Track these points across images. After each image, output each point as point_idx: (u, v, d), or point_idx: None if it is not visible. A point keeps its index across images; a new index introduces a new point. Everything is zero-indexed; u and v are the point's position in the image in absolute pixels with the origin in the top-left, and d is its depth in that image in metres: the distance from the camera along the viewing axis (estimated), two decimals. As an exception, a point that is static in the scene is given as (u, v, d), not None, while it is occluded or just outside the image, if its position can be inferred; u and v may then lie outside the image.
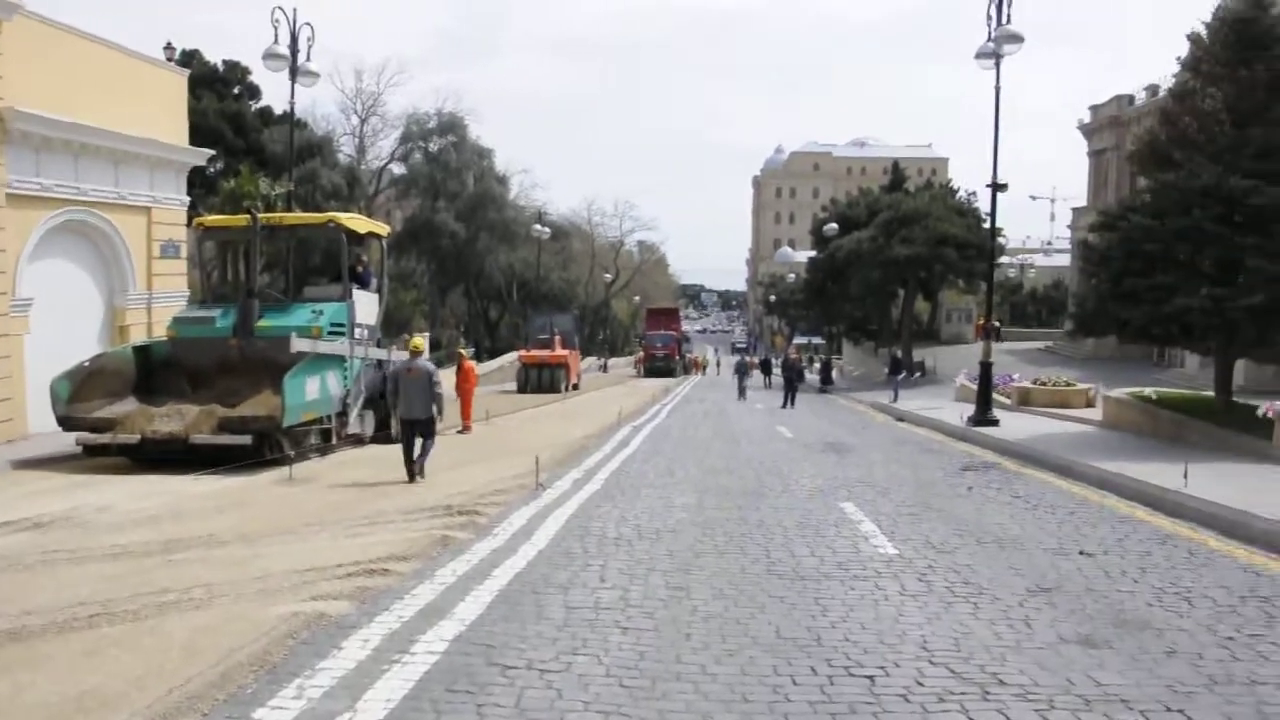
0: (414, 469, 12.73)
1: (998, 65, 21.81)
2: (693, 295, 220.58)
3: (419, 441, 12.94)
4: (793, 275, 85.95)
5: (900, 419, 27.53)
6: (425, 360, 13.39)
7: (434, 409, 12.90)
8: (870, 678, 5.37)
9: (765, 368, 54.81)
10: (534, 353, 42.04)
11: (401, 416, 13.21)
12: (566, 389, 40.41)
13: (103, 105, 19.17)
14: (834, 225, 54.93)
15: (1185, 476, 11.84)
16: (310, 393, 15.02)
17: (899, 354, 41.43)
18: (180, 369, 15.86)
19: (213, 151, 26.27)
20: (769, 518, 10.39)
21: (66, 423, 14.39)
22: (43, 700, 4.83)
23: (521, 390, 39.56)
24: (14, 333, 16.91)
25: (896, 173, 65.29)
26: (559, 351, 41.79)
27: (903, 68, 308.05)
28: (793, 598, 7.04)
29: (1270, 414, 15.77)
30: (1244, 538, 9.40)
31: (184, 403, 14.80)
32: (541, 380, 40.07)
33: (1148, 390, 21.86)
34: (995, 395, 24.11)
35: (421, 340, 14.24)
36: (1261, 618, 6.67)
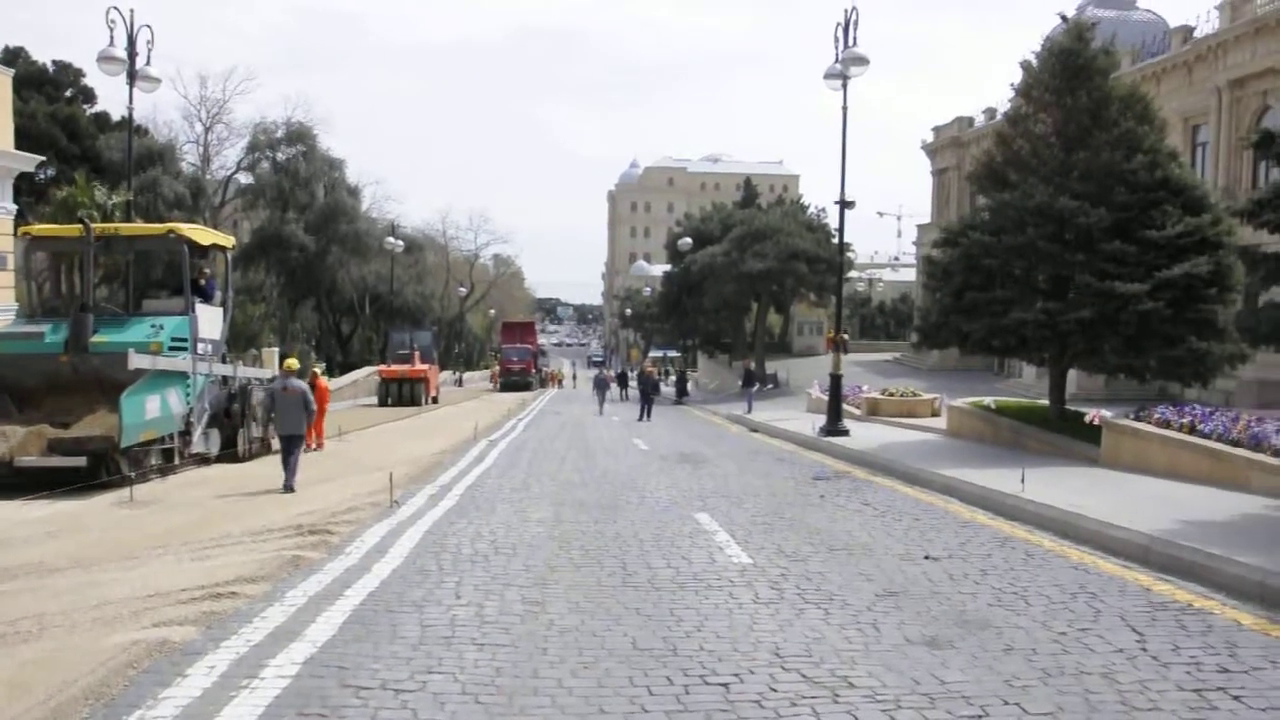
0: (292, 482, 13.42)
1: (845, 86, 22.58)
2: (549, 309, 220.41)
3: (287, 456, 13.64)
4: (648, 289, 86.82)
5: (754, 430, 28.10)
6: (297, 380, 14.34)
7: (304, 425, 13.94)
8: (725, 685, 5.48)
9: (623, 380, 55.19)
10: (394, 368, 43.26)
11: (278, 433, 14.22)
12: (426, 401, 41.98)
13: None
14: (688, 240, 55.79)
15: (1023, 481, 12.46)
16: (150, 411, 14.43)
17: (752, 366, 42.33)
18: (4, 387, 15.01)
19: (42, 158, 25.06)
20: (625, 530, 10.48)
21: None
22: None
23: (382, 404, 40.80)
24: None
25: (749, 189, 66.81)
26: (418, 366, 43.16)
27: (754, 84, 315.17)
28: (649, 609, 7.13)
29: (1096, 421, 16.76)
30: (1075, 538, 10.00)
31: (8, 424, 13.99)
32: (402, 394, 41.48)
33: (988, 400, 22.90)
34: (845, 406, 24.87)
35: (295, 361, 15.30)
36: (1089, 612, 7.10)
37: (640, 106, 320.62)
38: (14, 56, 43.88)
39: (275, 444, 19.03)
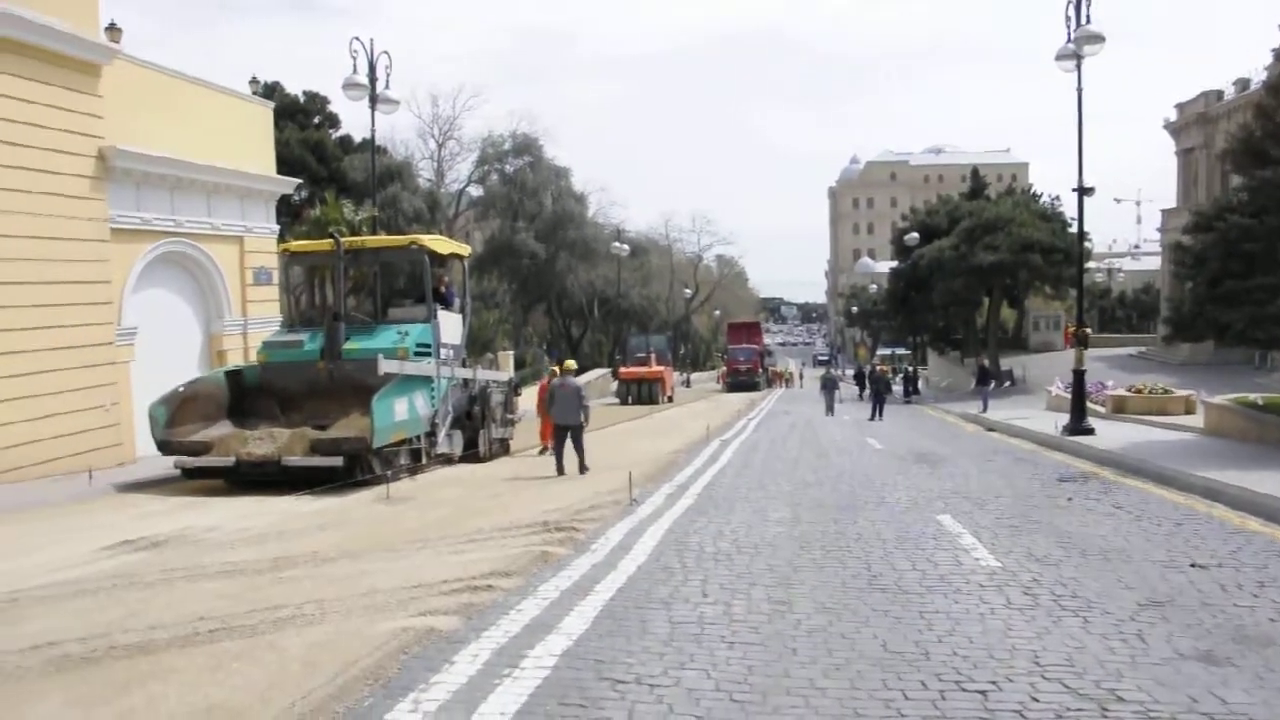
0: (563, 465, 15.79)
1: (1079, 67, 21.43)
2: (773, 308, 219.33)
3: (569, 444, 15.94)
4: (874, 286, 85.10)
5: (990, 429, 27.09)
6: (574, 379, 16.82)
7: (581, 416, 15.91)
8: (982, 693, 5.29)
9: (860, 380, 53.90)
10: (633, 369, 47.69)
11: (556, 422, 16.21)
12: (662, 400, 45.97)
13: (195, 140, 19.80)
14: (915, 234, 54.35)
15: (1300, 484, 11.47)
16: (399, 414, 15.23)
17: (986, 363, 40.81)
18: (271, 392, 16.23)
19: (299, 180, 26.92)
20: (866, 531, 10.30)
21: (165, 447, 14.79)
22: (175, 712, 5.00)
23: (623, 402, 44.72)
24: (120, 360, 17.53)
25: (976, 179, 64.25)
26: (655, 367, 47.42)
27: (973, 71, 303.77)
28: (897, 611, 6.98)
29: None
30: (1368, 548, 9.08)
31: (275, 426, 15.14)
32: (640, 393, 45.42)
33: (1254, 396, 21.20)
34: (1089, 404, 23.59)
35: (571, 362, 18.28)
36: (1394, 631, 6.44)
37: (852, 102, 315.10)
38: (271, 90, 47.38)
39: (513, 445, 20.09)
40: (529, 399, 23.90)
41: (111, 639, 6.24)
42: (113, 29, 19.36)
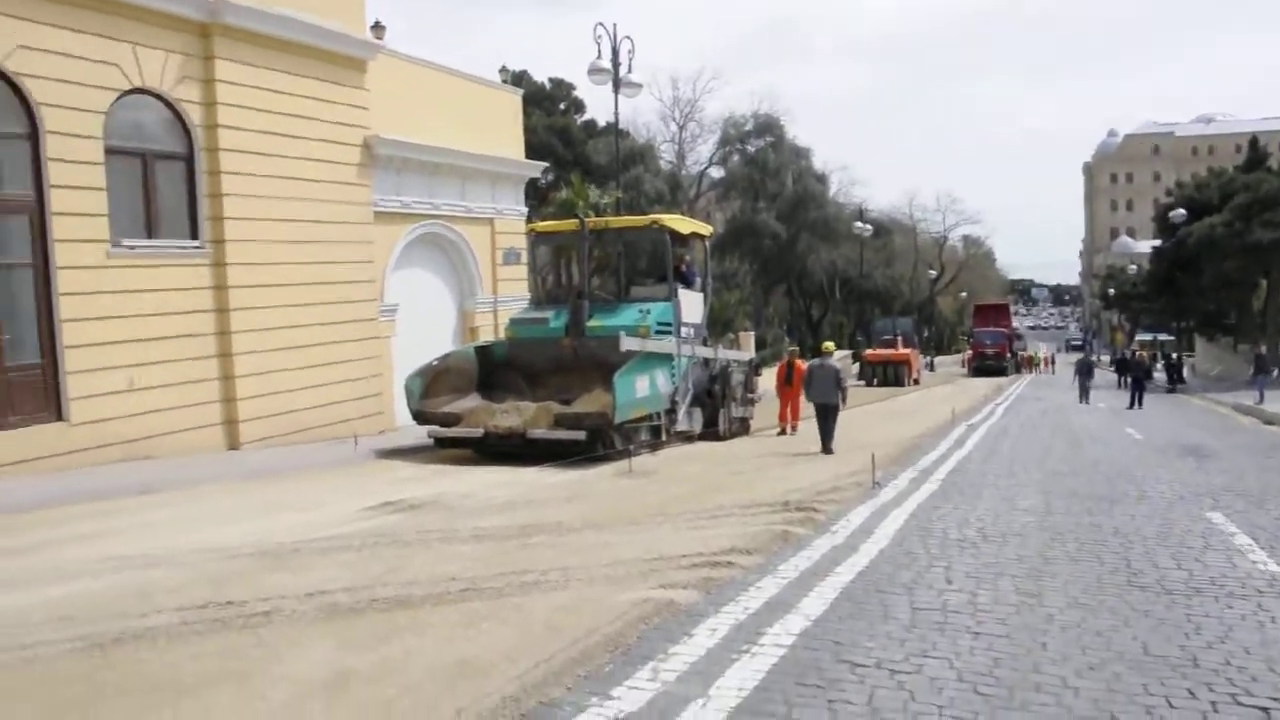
0: (829, 444, 16.10)
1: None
2: (1022, 290, 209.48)
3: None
4: (1133, 266, 79.70)
5: (1269, 422, 24.87)
6: (834, 360, 17.09)
7: (839, 397, 16.44)
8: (1264, 710, 4.83)
9: (1119, 366, 50.67)
10: (879, 351, 47.63)
11: (815, 401, 16.65)
12: (908, 383, 45.60)
13: (450, 127, 20.82)
14: (1181, 211, 50.42)
15: None
16: (640, 390, 15.48)
17: (1263, 350, 37.47)
18: (517, 367, 16.85)
19: (546, 164, 27.81)
20: (1124, 525, 9.66)
21: (419, 417, 15.63)
22: (430, 664, 5.27)
23: (869, 384, 44.52)
24: (383, 335, 18.78)
25: (1254, 149, 58.87)
26: (901, 350, 47.25)
27: (1249, 39, 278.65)
28: (1160, 613, 6.49)
29: None
30: None
31: (522, 400, 15.70)
32: (886, 375, 45.32)
33: None
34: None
35: (830, 344, 18.55)
36: None
37: (1105, 75, 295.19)
38: (519, 78, 49.14)
39: (753, 425, 20.11)
40: (769, 379, 23.81)
41: (374, 592, 6.67)
42: (377, 27, 20.58)
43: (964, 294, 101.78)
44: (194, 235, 15.33)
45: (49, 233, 13.20)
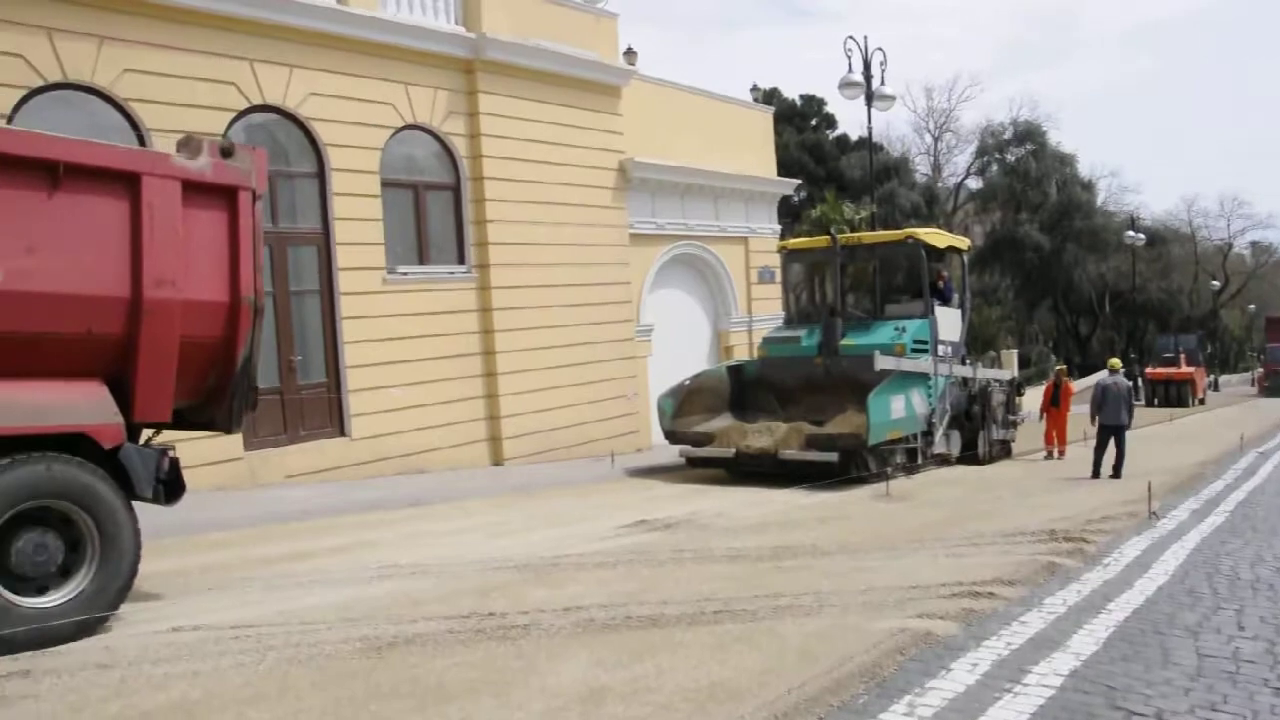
0: (1100, 468, 15.32)
1: None
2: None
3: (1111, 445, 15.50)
4: None
5: None
6: (1121, 377, 16.09)
7: (1126, 417, 15.56)
8: None
9: None
10: (1160, 369, 44.96)
11: (1101, 422, 15.69)
12: (1193, 403, 42.83)
13: (702, 148, 21.11)
14: None
15: None
16: (895, 411, 15.05)
17: None
18: (769, 387, 16.77)
19: (798, 181, 27.68)
20: None
21: (671, 436, 15.83)
22: (682, 684, 5.29)
23: (1149, 404, 41.77)
24: (639, 355, 19.27)
25: None
26: (1184, 368, 44.37)
27: None
28: None
29: None
30: None
31: (773, 420, 15.60)
32: (1169, 395, 42.75)
33: None
34: None
35: (1117, 361, 17.18)
36: None
37: None
38: (770, 96, 49.28)
39: (1015, 448, 19.19)
40: (1032, 399, 22.64)
41: (628, 609, 6.77)
42: (629, 53, 21.14)
43: (1252, 306, 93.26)
44: (461, 260, 16.25)
45: (333, 261, 14.35)
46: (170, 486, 7.02)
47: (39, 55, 11.61)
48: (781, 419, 15.59)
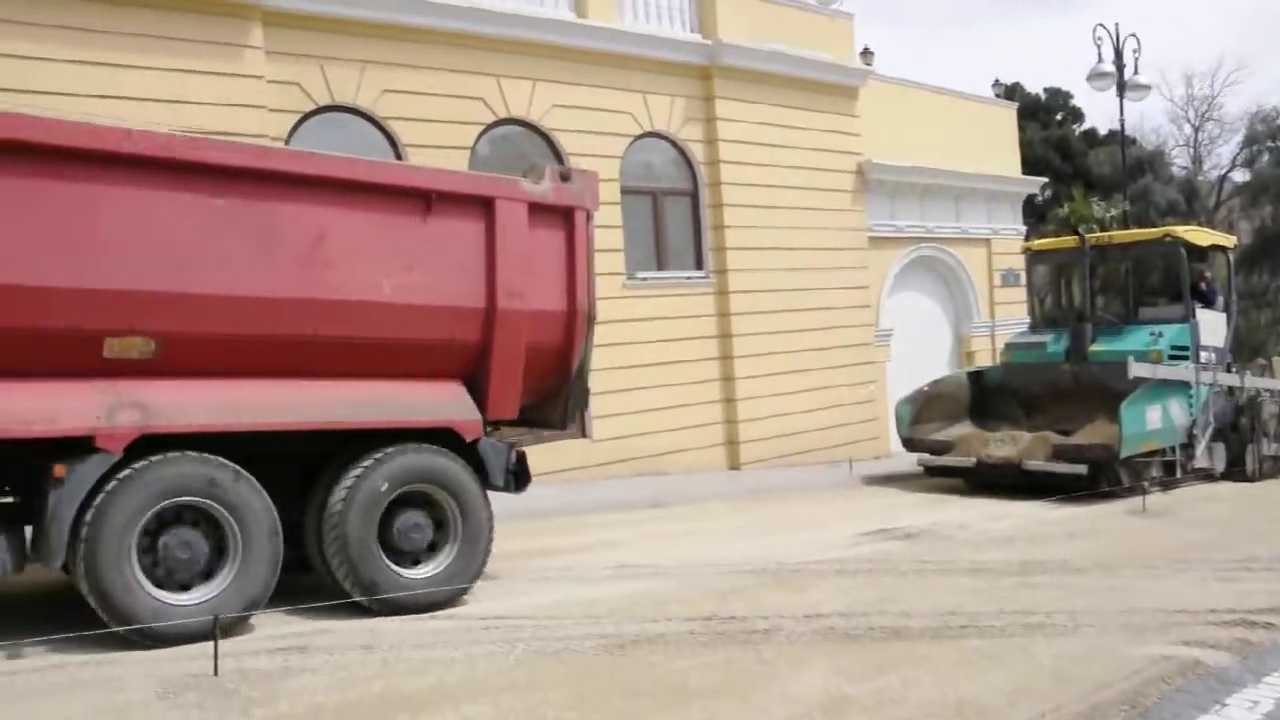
0: None
1: None
2: None
3: None
4: None
5: None
6: None
7: None
8: None
9: None
10: None
11: None
12: None
13: (942, 147, 20.51)
14: None
15: None
16: (1150, 422, 14.10)
17: None
18: (1012, 394, 16.08)
19: (1044, 179, 26.46)
20: None
21: (909, 443, 15.42)
22: (927, 699, 5.19)
23: None
24: (877, 360, 18.95)
25: None
26: None
27: None
28: None
29: None
30: None
31: (1017, 428, 14.94)
32: None
33: None
34: None
35: None
36: None
37: None
38: (1012, 91, 47.28)
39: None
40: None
41: (869, 619, 6.69)
42: (866, 53, 20.78)
43: None
44: (699, 265, 16.44)
45: (576, 267, 14.84)
46: (518, 477, 7.90)
47: (311, 82, 12.63)
48: (1025, 428, 14.92)
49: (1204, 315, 16.21)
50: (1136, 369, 14.22)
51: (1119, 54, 20.98)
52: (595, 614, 7.02)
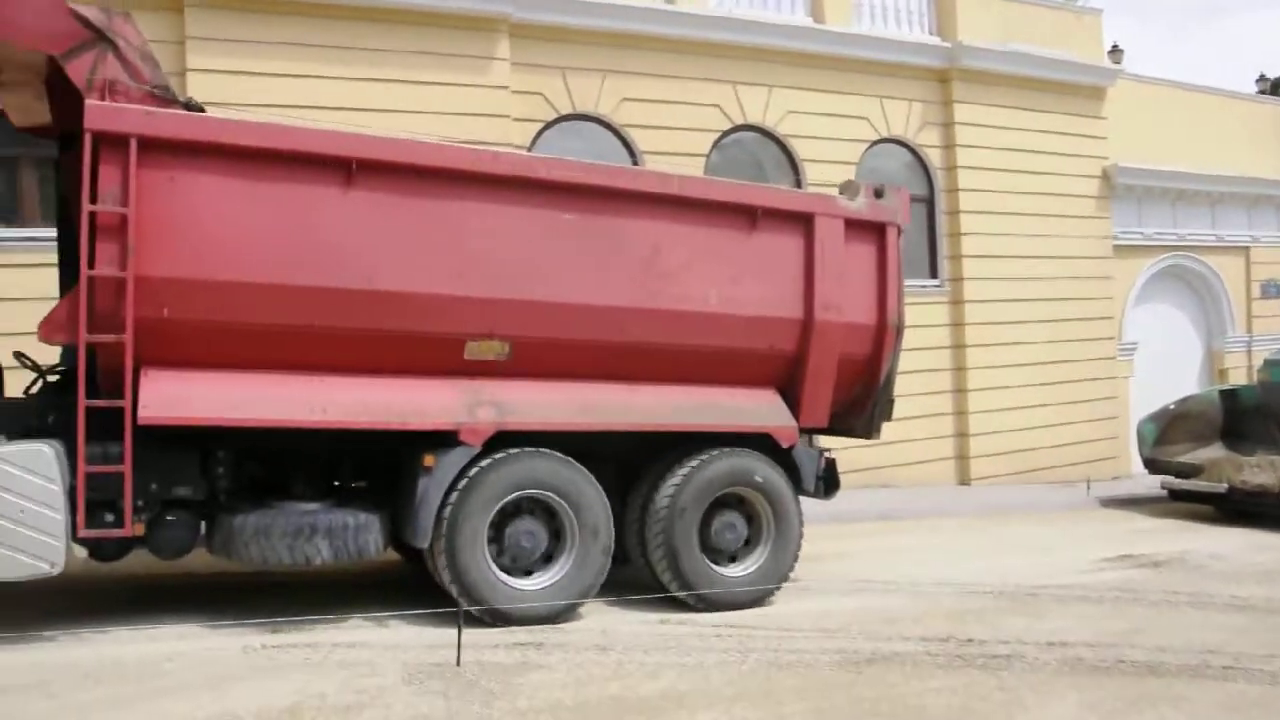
0: None
1: None
2: None
3: None
4: None
5: None
6: None
7: None
8: None
9: None
10: None
11: None
12: None
13: (1196, 149, 19.17)
14: None
15: None
16: None
17: None
18: (1270, 416, 14.84)
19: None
20: None
21: (1151, 465, 14.50)
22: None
23: None
24: (1120, 375, 17.90)
25: None
26: None
27: None
28: None
29: None
30: None
31: (1274, 453, 13.81)
32: None
33: None
34: None
35: None
36: None
37: None
38: (1277, 86, 43.78)
39: None
40: None
41: (1120, 652, 6.36)
42: (1115, 51, 19.70)
43: None
44: (933, 274, 16.03)
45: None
46: (828, 483, 8.24)
47: (554, 91, 13.14)
48: (1282, 454, 13.79)
49: None
50: None
51: None
52: (827, 627, 6.97)
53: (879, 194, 8.37)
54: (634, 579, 7.66)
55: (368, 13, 11.89)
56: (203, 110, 6.69)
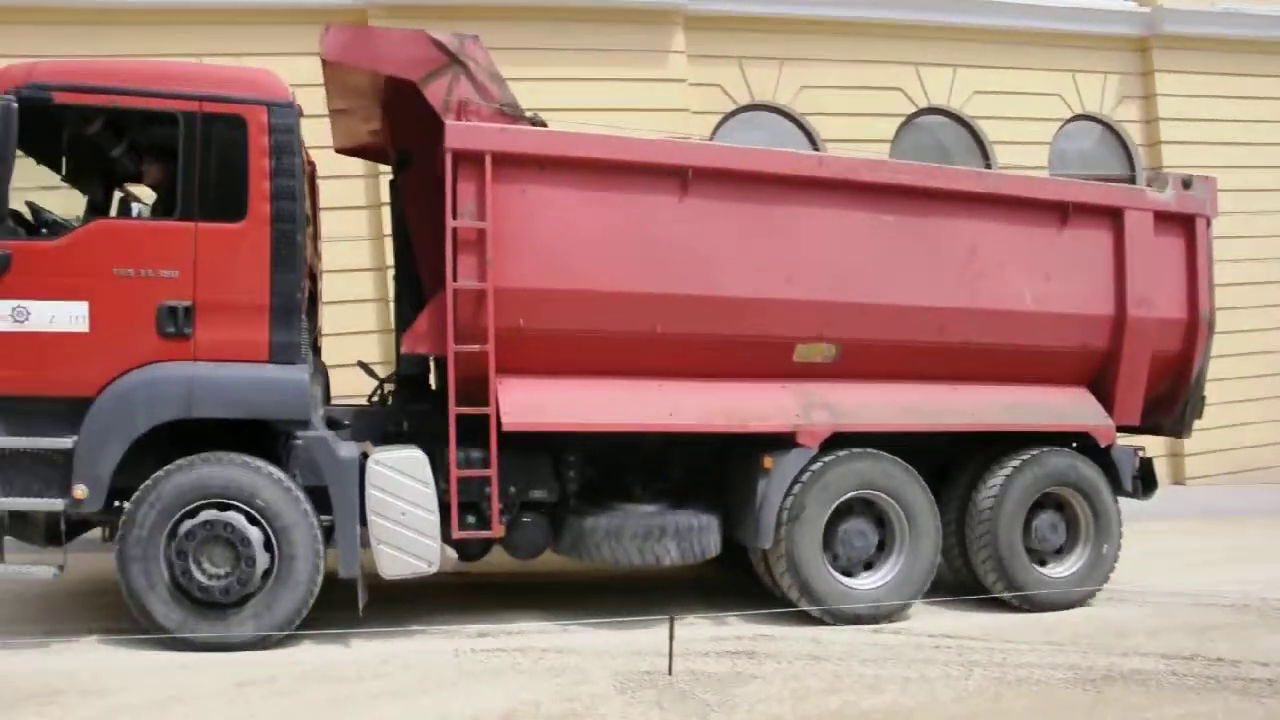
0: None
1: None
2: None
3: None
4: None
5: None
6: None
7: None
8: None
9: None
10: None
11: None
12: None
13: None
14: None
15: None
16: None
17: None
18: None
19: None
20: None
21: None
22: None
23: None
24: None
25: None
26: None
27: None
28: None
29: None
30: None
31: None
32: None
33: None
34: None
35: None
36: None
37: None
38: None
39: None
40: None
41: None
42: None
43: None
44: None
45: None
46: (1146, 482, 8.10)
47: (731, 82, 12.84)
48: None
49: None
50: None
51: None
52: (1055, 640, 6.45)
53: (1187, 185, 8.18)
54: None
55: (543, 12, 11.87)
56: (545, 125, 6.85)
